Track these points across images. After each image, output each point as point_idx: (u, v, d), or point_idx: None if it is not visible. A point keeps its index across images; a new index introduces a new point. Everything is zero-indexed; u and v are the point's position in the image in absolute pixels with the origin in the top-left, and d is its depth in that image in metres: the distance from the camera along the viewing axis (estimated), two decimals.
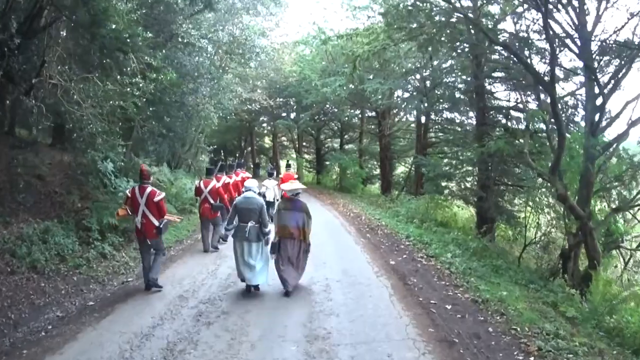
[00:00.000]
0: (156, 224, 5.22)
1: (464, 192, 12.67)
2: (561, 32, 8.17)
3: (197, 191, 7.55)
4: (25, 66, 5.92)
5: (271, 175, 10.39)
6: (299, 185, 5.67)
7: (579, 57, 8.18)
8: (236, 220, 5.25)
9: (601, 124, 8.27)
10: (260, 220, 5.17)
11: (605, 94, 8.02)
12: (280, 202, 5.81)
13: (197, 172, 15.01)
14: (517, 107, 11.71)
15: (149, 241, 5.28)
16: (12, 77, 5.96)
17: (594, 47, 8.22)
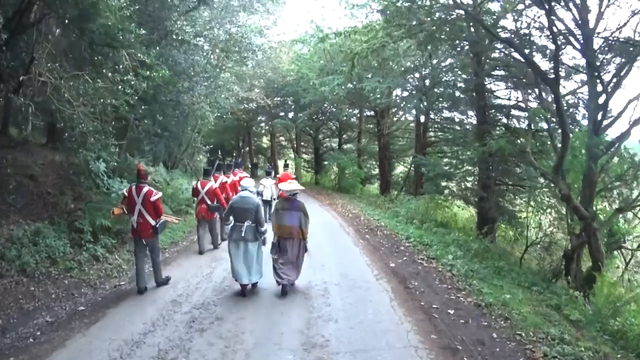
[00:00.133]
0: (152, 223, 5.22)
1: (465, 192, 12.53)
2: (563, 28, 8.06)
3: (194, 192, 7.54)
4: (13, 63, 5.72)
5: (269, 174, 10.48)
6: (297, 185, 5.66)
7: (582, 54, 8.05)
8: (232, 220, 5.23)
9: (604, 123, 8.16)
10: (256, 219, 5.16)
11: (608, 91, 7.90)
12: (278, 202, 5.80)
13: (194, 172, 14.84)
14: (518, 105, 11.59)
15: (145, 241, 5.26)
16: (1, 74, 5.78)
17: (596, 45, 8.13)
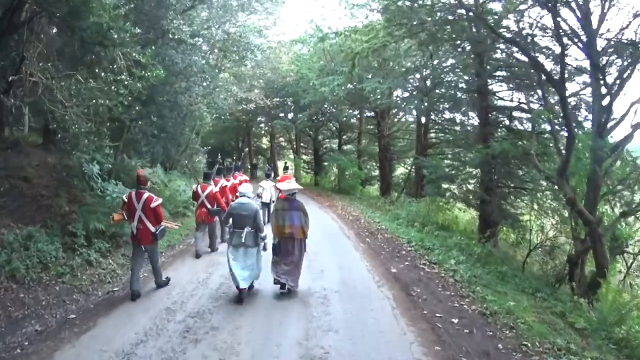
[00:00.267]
0: (152, 230, 5.18)
1: (466, 194, 12.35)
2: (567, 29, 7.92)
3: (195, 196, 7.50)
4: (3, 63, 5.55)
5: (268, 176, 10.40)
6: (295, 185, 5.66)
7: (586, 55, 7.92)
8: (231, 222, 5.24)
9: (608, 125, 8.02)
10: (255, 225, 5.14)
11: (612, 93, 7.77)
12: (277, 202, 5.80)
13: (193, 173, 14.67)
14: (520, 107, 11.43)
15: (144, 247, 5.23)
16: None
17: (599, 47, 7.99)
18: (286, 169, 12.52)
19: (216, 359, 3.65)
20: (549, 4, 7.24)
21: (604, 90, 7.86)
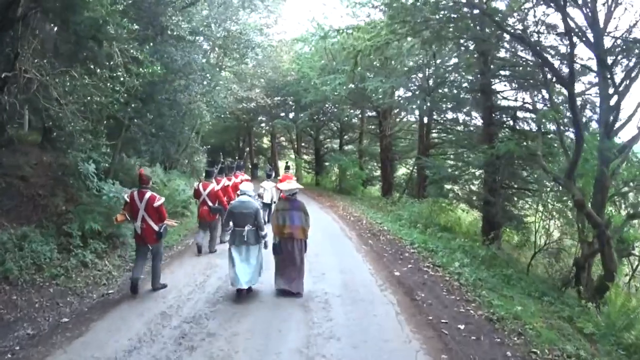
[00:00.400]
0: (156, 228, 5.19)
1: (470, 195, 12.19)
2: (574, 27, 7.76)
3: (196, 193, 7.46)
4: None
5: (269, 176, 10.32)
6: (295, 184, 5.67)
7: (593, 53, 7.75)
8: (232, 225, 5.19)
9: (615, 125, 7.86)
10: (256, 223, 5.15)
11: (620, 92, 7.60)
12: (278, 202, 5.75)
13: (193, 173, 14.51)
14: (524, 107, 11.26)
15: (150, 246, 5.24)
16: None
17: (607, 45, 7.83)
18: (287, 168, 12.41)
19: None
20: (556, 2, 7.08)
21: (611, 90, 7.72)
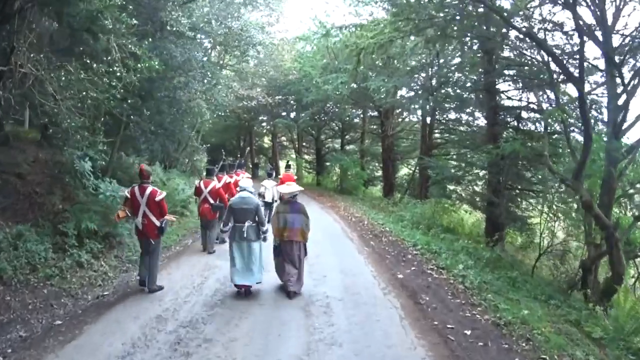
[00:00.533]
0: (157, 224, 5.15)
1: (473, 196, 12.03)
2: (582, 24, 7.61)
3: (197, 191, 7.42)
4: None
5: (270, 175, 10.24)
6: (295, 187, 5.66)
7: (602, 51, 7.59)
8: (232, 221, 5.17)
9: (623, 126, 7.70)
10: (257, 219, 5.14)
11: (628, 91, 7.45)
12: (278, 205, 5.71)
13: (193, 172, 14.37)
14: (529, 107, 11.09)
15: (152, 241, 5.17)
16: None
17: (615, 43, 7.68)
18: (288, 167, 12.28)
19: None
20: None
21: (619, 89, 7.57)
